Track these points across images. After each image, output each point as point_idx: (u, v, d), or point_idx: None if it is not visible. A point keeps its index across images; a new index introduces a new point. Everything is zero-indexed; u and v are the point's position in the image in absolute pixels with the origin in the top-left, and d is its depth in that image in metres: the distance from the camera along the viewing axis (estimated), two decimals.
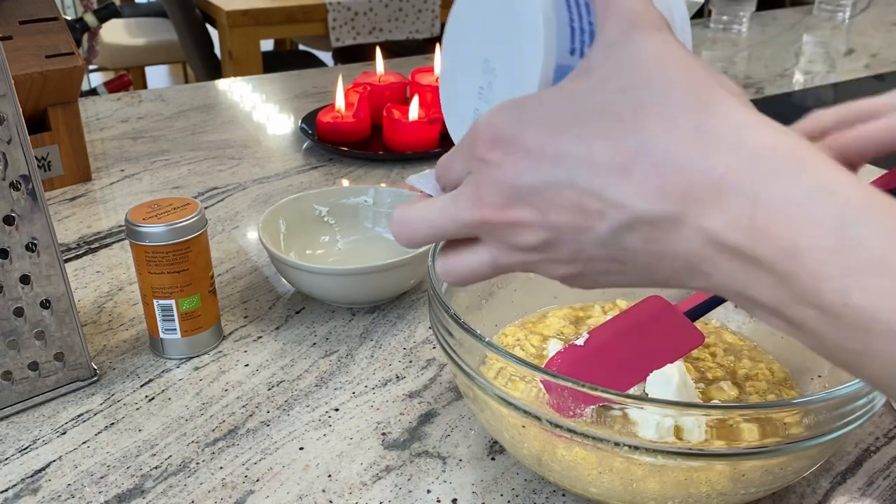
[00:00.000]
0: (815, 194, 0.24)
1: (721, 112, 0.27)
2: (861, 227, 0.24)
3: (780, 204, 0.25)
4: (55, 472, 0.50)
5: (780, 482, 0.44)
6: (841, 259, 0.24)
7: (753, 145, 0.26)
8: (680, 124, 0.27)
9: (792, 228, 0.24)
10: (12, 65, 0.75)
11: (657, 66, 0.28)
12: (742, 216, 0.25)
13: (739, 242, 0.25)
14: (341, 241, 0.74)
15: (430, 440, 0.53)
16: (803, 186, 0.25)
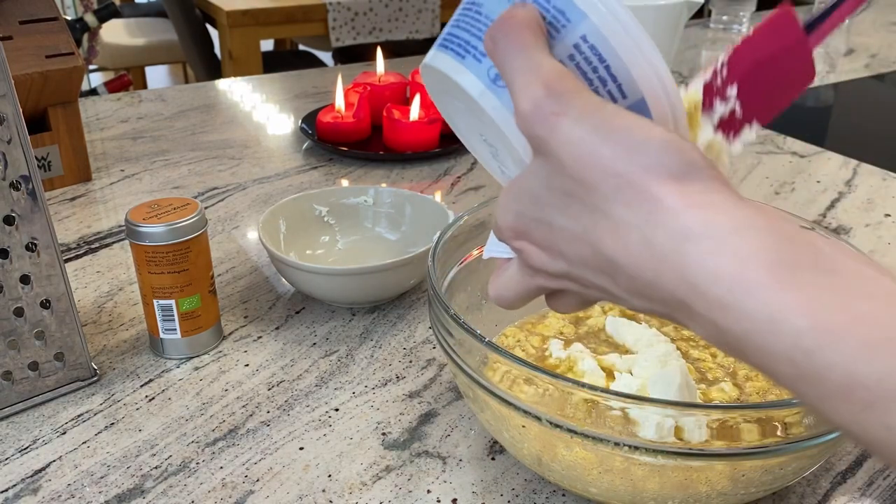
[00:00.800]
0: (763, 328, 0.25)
1: (662, 222, 0.27)
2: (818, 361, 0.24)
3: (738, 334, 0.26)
4: (55, 472, 0.50)
5: (780, 482, 0.44)
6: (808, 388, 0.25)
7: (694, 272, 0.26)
8: (630, 243, 0.28)
9: (756, 356, 0.26)
10: (12, 65, 0.75)
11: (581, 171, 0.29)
12: (714, 336, 0.27)
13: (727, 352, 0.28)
14: (341, 241, 0.74)
15: (430, 440, 0.53)
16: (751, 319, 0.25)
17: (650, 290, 0.28)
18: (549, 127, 0.29)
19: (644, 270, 0.28)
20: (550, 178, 0.30)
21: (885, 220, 0.86)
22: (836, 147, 1.06)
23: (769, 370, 0.26)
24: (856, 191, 0.93)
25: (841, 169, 0.99)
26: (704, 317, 0.27)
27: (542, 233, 0.32)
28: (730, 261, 0.26)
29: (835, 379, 0.24)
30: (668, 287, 0.27)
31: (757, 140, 1.08)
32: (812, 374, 0.25)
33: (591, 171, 0.29)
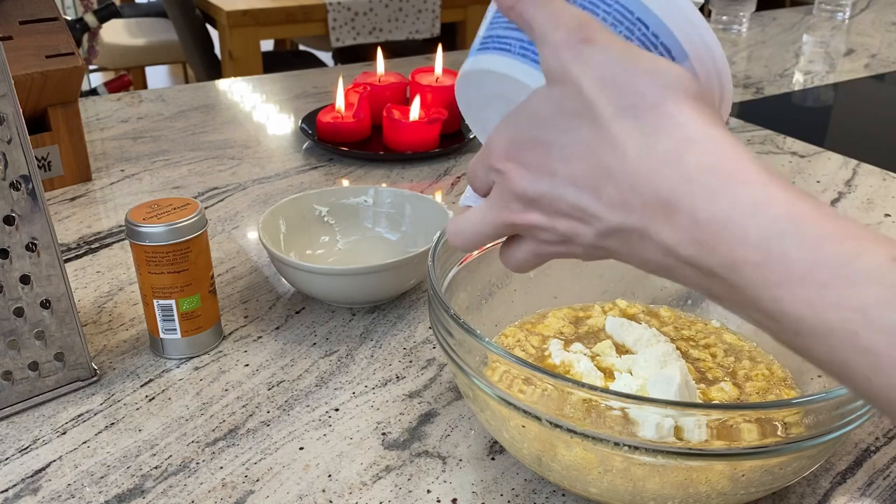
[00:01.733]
0: (745, 212, 0.27)
1: (667, 132, 0.30)
2: (787, 241, 0.27)
3: (715, 223, 0.28)
4: (55, 472, 0.50)
5: (780, 482, 0.44)
6: (771, 273, 0.27)
7: (691, 165, 0.29)
8: (631, 149, 0.30)
9: (727, 246, 0.28)
10: (12, 65, 0.75)
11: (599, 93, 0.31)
12: (688, 233, 0.29)
13: (691, 255, 0.29)
14: (341, 241, 0.74)
15: (430, 440, 0.53)
16: (735, 204, 0.28)
17: (635, 193, 0.30)
18: (576, 51, 0.31)
19: (637, 172, 0.30)
20: (562, 102, 0.32)
21: (886, 220, 0.86)
22: (836, 147, 1.06)
23: (738, 258, 0.27)
24: (856, 191, 0.93)
25: (841, 169, 0.99)
26: (686, 213, 0.29)
27: (534, 153, 0.33)
28: (727, 159, 0.29)
29: (797, 259, 0.26)
30: (658, 184, 0.29)
31: (757, 140, 1.08)
32: (778, 256, 0.26)
33: (609, 90, 0.31)
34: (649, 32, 0.34)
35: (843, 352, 0.26)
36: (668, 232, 0.29)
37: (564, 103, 0.32)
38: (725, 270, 0.28)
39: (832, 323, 0.25)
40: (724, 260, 0.28)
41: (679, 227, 0.29)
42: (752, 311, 0.28)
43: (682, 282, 0.31)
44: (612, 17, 0.34)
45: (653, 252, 0.31)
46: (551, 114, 0.33)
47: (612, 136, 0.30)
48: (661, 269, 0.32)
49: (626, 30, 0.34)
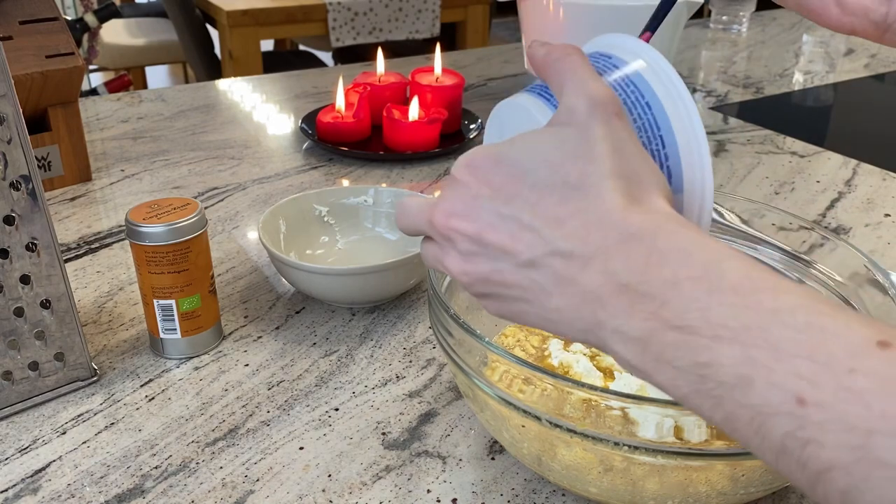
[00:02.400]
0: (696, 245, 0.31)
1: (646, 201, 0.34)
2: (724, 264, 0.30)
3: (671, 251, 0.31)
4: (55, 472, 0.50)
5: (780, 482, 0.44)
6: (706, 284, 0.30)
7: (660, 221, 0.32)
8: (613, 202, 0.33)
9: (675, 266, 0.31)
10: (12, 65, 0.75)
11: (608, 152, 0.34)
12: (639, 258, 0.31)
13: (632, 279, 0.31)
14: (341, 241, 0.74)
15: (430, 440, 0.53)
16: (690, 241, 0.31)
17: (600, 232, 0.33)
18: (606, 115, 0.35)
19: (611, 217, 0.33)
20: (567, 140, 0.35)
21: (885, 220, 0.86)
22: (835, 147, 1.06)
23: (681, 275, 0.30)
24: (856, 191, 0.93)
25: (841, 169, 0.99)
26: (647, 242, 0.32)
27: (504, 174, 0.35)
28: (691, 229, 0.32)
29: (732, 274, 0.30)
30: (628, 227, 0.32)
31: (757, 140, 1.08)
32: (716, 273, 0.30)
33: (619, 158, 0.34)
34: (663, 152, 0.37)
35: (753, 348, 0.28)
36: (618, 261, 0.32)
37: (568, 142, 0.34)
38: (663, 288, 0.30)
39: (750, 321, 0.28)
40: (667, 278, 0.30)
41: (632, 255, 0.31)
42: (668, 331, 0.30)
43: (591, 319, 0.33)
44: (641, 122, 0.37)
45: (588, 279, 0.32)
46: (547, 145, 0.35)
47: (602, 186, 0.33)
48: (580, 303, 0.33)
49: (646, 139, 0.37)
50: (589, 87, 0.36)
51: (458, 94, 1.07)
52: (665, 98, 0.38)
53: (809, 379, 0.26)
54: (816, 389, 0.26)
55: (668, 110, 0.37)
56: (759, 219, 0.58)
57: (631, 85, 0.38)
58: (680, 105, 0.37)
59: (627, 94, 0.38)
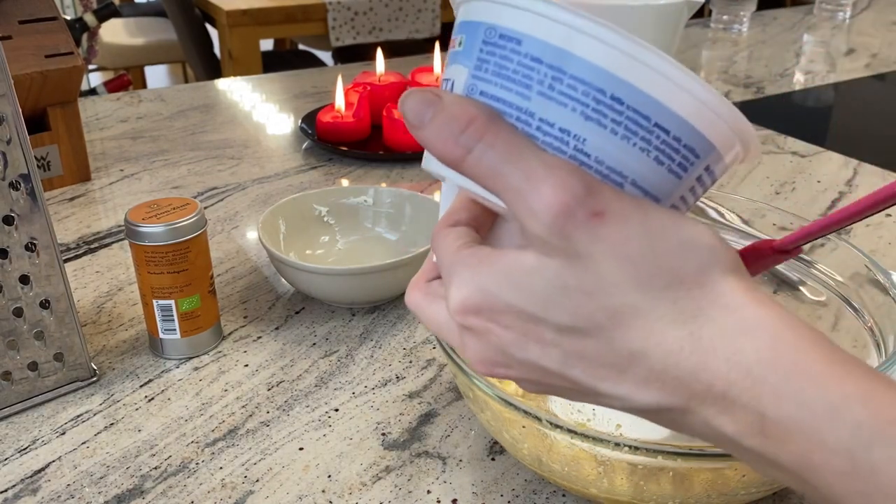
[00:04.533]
0: (822, 415, 0.24)
1: (712, 318, 0.26)
2: (874, 453, 0.24)
3: (789, 424, 0.25)
4: (55, 473, 0.50)
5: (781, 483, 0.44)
6: (856, 483, 0.24)
7: (751, 359, 0.25)
8: (670, 337, 0.26)
9: (805, 448, 0.25)
10: (12, 64, 0.75)
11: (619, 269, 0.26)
12: (752, 427, 0.25)
13: (755, 446, 0.26)
14: (341, 241, 0.74)
15: (430, 440, 0.53)
16: (808, 404, 0.25)
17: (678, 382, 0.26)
18: (586, 228, 0.26)
19: (681, 362, 0.26)
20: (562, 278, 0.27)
21: (886, 220, 0.86)
22: (836, 147, 1.06)
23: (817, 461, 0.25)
24: (856, 191, 0.93)
25: (841, 169, 0.99)
26: (749, 409, 0.25)
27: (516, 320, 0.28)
28: (789, 348, 0.25)
29: (888, 474, 0.23)
30: (710, 377, 0.26)
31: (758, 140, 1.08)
32: (867, 468, 0.24)
33: (636, 270, 0.26)
34: (670, 137, 0.29)
35: None
36: (726, 421, 0.26)
37: (569, 280, 0.27)
38: (799, 468, 0.25)
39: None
40: (797, 459, 0.25)
41: (740, 420, 0.26)
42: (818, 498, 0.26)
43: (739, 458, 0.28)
44: (624, 128, 0.28)
45: (701, 427, 0.27)
46: (548, 287, 0.27)
47: (645, 318, 0.26)
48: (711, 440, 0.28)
49: (641, 140, 0.29)
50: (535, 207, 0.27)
51: None
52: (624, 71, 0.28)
53: None
54: None
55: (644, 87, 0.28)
56: (760, 219, 0.58)
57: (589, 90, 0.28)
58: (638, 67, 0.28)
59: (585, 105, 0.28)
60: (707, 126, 0.29)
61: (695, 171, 0.30)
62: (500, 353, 0.29)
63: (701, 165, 0.30)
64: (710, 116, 0.29)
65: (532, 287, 0.27)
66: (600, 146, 0.29)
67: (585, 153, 0.29)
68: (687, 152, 0.30)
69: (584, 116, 0.28)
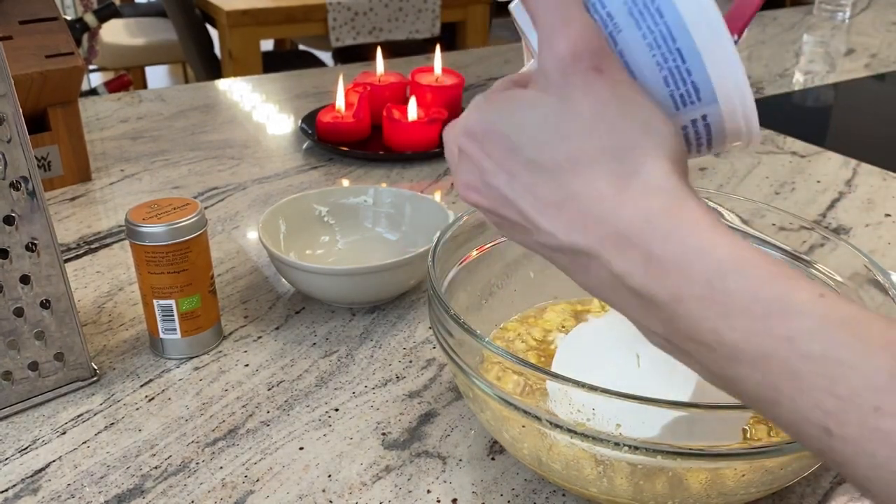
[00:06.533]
0: (693, 254, 0.30)
1: (641, 178, 0.32)
2: (729, 281, 0.29)
3: (667, 260, 0.30)
4: (55, 472, 0.50)
5: (780, 482, 0.44)
6: (713, 305, 0.29)
7: (652, 209, 0.31)
8: (605, 184, 0.32)
9: (675, 281, 0.30)
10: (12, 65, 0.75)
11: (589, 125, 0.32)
12: (638, 264, 0.31)
13: (636, 285, 0.31)
14: (341, 241, 0.74)
15: (430, 440, 0.53)
16: (685, 246, 0.30)
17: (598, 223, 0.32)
18: (584, 76, 0.32)
19: (604, 205, 0.32)
20: (549, 115, 0.33)
21: (886, 220, 0.86)
22: (836, 147, 1.06)
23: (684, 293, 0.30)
24: (856, 191, 0.93)
25: (841, 169, 0.99)
26: (640, 248, 0.31)
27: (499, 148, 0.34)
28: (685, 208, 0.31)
29: (738, 294, 0.29)
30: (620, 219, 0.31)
31: None
32: (721, 293, 0.29)
33: (603, 126, 0.32)
34: (683, 67, 0.33)
35: (773, 376, 0.28)
36: (620, 262, 0.31)
37: (551, 117, 0.33)
38: (668, 302, 0.30)
39: (766, 349, 0.28)
40: (669, 292, 0.30)
41: (630, 259, 0.31)
42: (687, 340, 0.30)
43: (620, 309, 0.33)
44: (653, 37, 0.33)
45: (598, 276, 0.32)
46: (534, 120, 0.33)
47: (591, 168, 0.32)
48: (603, 293, 0.33)
49: (660, 56, 0.33)
50: (556, 44, 0.32)
51: (458, 93, 1.07)
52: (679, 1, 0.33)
53: (834, 415, 0.26)
54: (842, 426, 0.26)
55: (684, 13, 0.32)
56: (760, 219, 0.58)
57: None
58: (694, 5, 0.33)
59: (634, 3, 0.33)
60: (718, 78, 0.33)
61: (691, 112, 0.35)
62: (478, 177, 0.35)
63: (699, 111, 0.34)
64: (724, 73, 0.33)
65: (522, 119, 0.34)
66: (629, 42, 0.34)
67: (615, 41, 0.34)
68: (692, 89, 0.34)
69: (629, 12, 0.33)
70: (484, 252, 0.57)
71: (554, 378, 0.41)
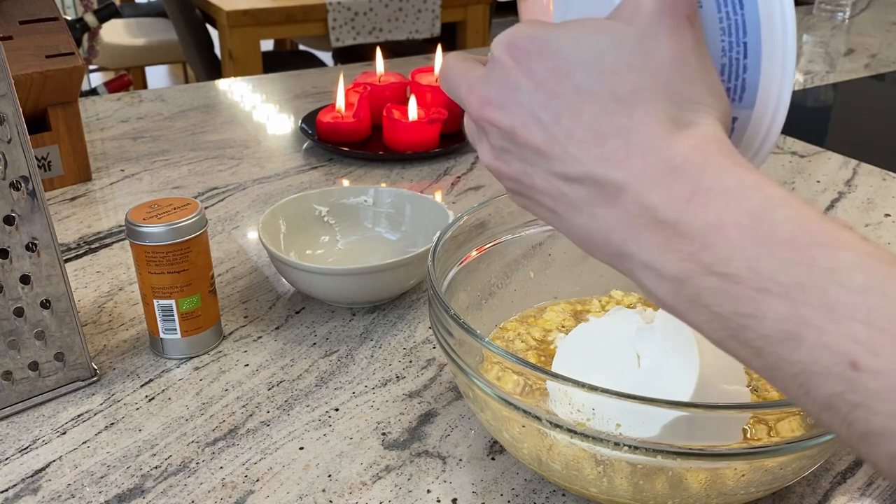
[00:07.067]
0: (746, 188, 0.29)
1: (697, 130, 0.31)
2: (777, 213, 0.28)
3: (718, 191, 0.29)
4: (55, 472, 0.50)
5: (780, 482, 0.44)
6: (756, 234, 0.28)
7: (711, 150, 0.30)
8: (660, 125, 0.31)
9: (721, 208, 0.29)
10: (12, 65, 0.75)
11: (667, 66, 0.31)
12: (682, 195, 0.29)
13: (670, 216, 0.29)
14: (341, 241, 0.74)
15: (430, 440, 0.53)
16: (739, 182, 0.29)
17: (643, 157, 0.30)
18: (675, 18, 0.31)
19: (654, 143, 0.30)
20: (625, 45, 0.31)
21: (885, 220, 0.86)
22: (836, 147, 1.06)
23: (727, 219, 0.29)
24: (856, 191, 0.93)
25: (841, 169, 0.99)
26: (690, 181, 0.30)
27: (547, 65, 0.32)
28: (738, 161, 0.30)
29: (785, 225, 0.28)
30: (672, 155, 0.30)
31: None
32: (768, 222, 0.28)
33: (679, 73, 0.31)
34: (742, 62, 0.33)
35: (804, 307, 0.27)
36: (656, 194, 0.30)
37: (627, 46, 0.31)
38: (705, 230, 0.29)
39: (803, 278, 0.27)
40: (710, 220, 0.29)
41: (673, 191, 0.30)
42: (707, 274, 0.29)
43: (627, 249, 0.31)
44: (728, 23, 0.33)
45: (620, 209, 0.31)
46: (603, 46, 0.31)
47: (652, 105, 0.31)
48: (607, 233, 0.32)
49: (727, 43, 0.33)
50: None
51: None
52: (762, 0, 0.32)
53: (866, 345, 0.25)
54: (873, 356, 0.25)
55: (763, 14, 0.32)
56: None
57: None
58: (776, 9, 0.32)
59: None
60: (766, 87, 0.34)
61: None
62: (505, 93, 0.33)
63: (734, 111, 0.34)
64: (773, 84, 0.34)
65: (587, 43, 0.31)
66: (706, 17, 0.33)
67: None
68: (740, 86, 0.34)
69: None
70: (484, 252, 0.58)
71: (554, 378, 0.41)
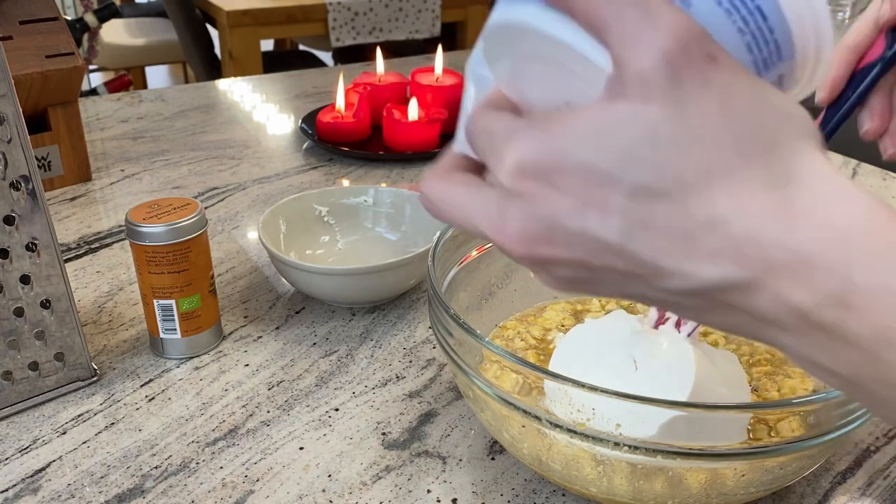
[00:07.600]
0: None
1: (806, 183, 0.25)
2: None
3: (879, 292, 0.23)
4: (55, 472, 0.50)
5: (780, 482, 0.44)
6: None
7: (846, 223, 0.24)
8: (760, 201, 0.24)
9: (890, 318, 0.23)
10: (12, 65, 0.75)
11: (720, 123, 0.25)
12: (833, 297, 0.24)
13: (828, 321, 0.24)
14: (341, 241, 0.74)
15: (430, 440, 0.53)
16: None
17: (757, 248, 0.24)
18: (699, 70, 0.25)
19: (766, 228, 0.24)
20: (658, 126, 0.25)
21: None
22: (836, 147, 1.06)
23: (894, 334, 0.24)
24: None
25: (841, 169, 0.99)
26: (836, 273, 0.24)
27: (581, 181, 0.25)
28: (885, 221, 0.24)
29: None
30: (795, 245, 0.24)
31: None
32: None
33: (737, 126, 0.25)
34: (765, 25, 0.29)
35: None
36: (802, 292, 0.24)
37: (663, 128, 0.25)
38: (875, 343, 0.24)
39: None
40: (877, 332, 0.23)
41: (820, 289, 0.24)
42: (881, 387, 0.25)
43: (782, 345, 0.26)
44: (729, 2, 0.29)
45: (766, 305, 0.25)
46: (636, 137, 0.25)
47: (730, 178, 0.24)
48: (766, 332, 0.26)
49: (741, 20, 0.28)
50: (648, 40, 0.25)
51: (458, 94, 1.07)
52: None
53: None
54: None
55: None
56: None
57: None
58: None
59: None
60: (799, 26, 0.29)
61: (772, 74, 0.30)
62: (549, 224, 0.26)
63: (778, 70, 0.30)
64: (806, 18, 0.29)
65: (616, 139, 0.25)
66: (704, 12, 0.28)
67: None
68: (774, 48, 0.29)
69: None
70: (484, 252, 0.58)
71: (555, 378, 0.41)
